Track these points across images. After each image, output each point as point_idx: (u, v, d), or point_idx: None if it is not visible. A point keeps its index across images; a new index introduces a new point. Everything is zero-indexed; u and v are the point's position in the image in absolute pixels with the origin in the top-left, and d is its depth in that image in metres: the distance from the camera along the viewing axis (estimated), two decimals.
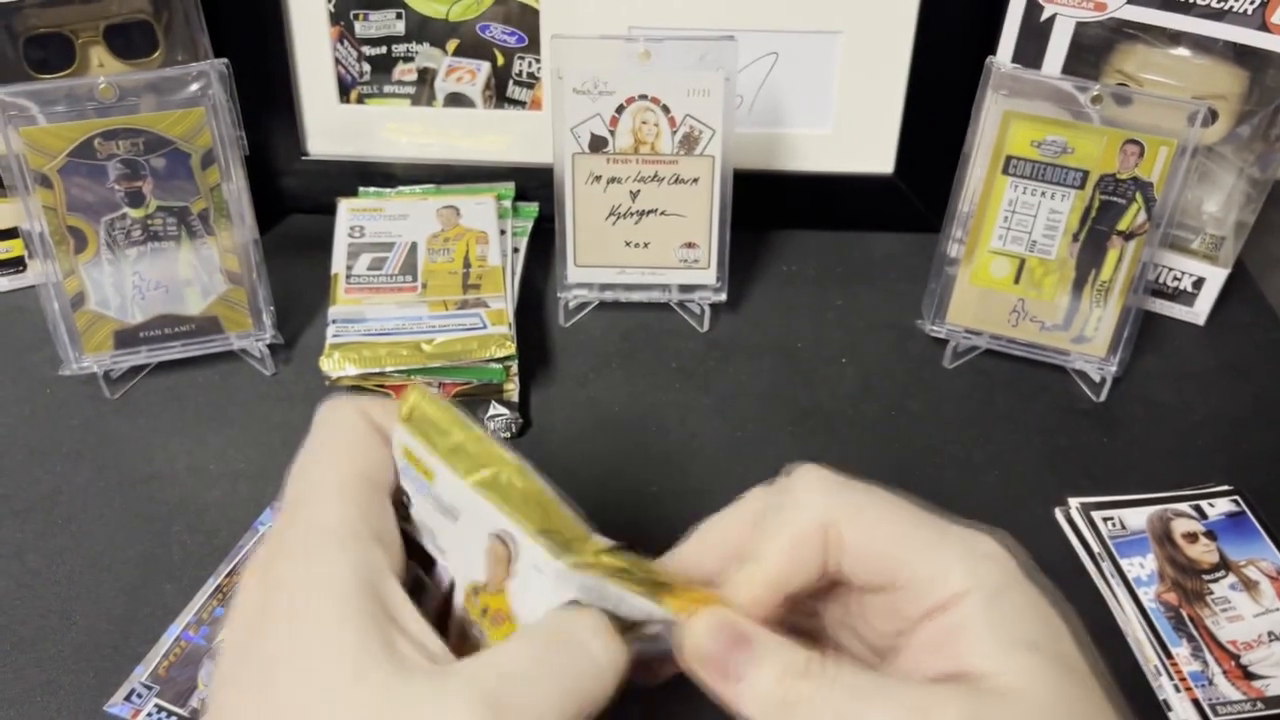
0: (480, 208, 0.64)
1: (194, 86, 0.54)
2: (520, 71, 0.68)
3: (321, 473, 0.31)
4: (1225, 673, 0.45)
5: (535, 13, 0.66)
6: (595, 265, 0.62)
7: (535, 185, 0.67)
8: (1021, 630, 0.30)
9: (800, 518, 0.32)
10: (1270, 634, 0.46)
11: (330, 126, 0.69)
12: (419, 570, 0.33)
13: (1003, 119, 0.56)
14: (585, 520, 0.31)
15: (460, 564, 0.32)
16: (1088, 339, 0.59)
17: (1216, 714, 0.44)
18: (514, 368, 0.56)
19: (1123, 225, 0.56)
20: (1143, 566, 0.49)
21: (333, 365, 0.55)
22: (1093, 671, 0.30)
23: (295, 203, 0.70)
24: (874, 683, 0.29)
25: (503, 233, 0.63)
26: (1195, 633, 0.47)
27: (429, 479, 0.31)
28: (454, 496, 0.31)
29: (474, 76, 0.68)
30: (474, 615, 0.32)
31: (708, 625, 0.31)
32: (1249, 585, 0.49)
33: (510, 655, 0.29)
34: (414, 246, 0.61)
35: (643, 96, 0.57)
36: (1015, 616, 0.30)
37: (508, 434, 0.56)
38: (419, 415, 0.31)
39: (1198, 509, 0.52)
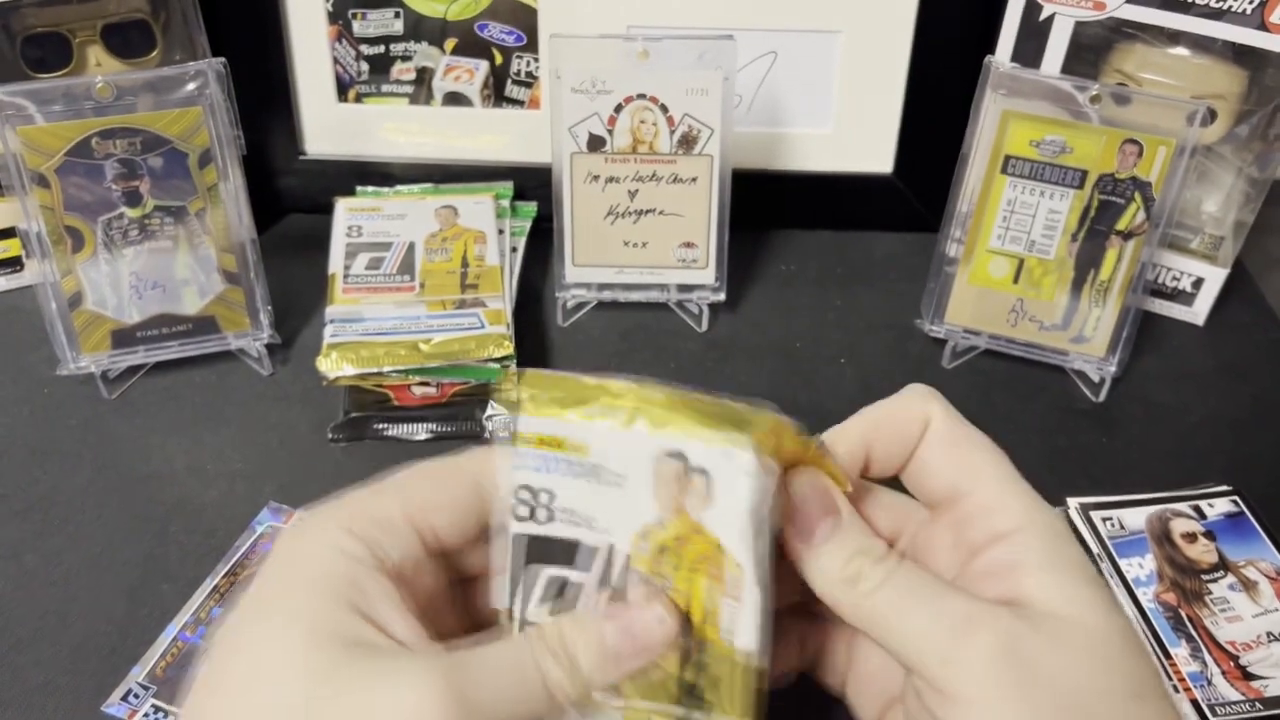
0: (478, 207, 0.64)
1: (191, 86, 0.53)
2: (518, 71, 0.68)
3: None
4: (1224, 673, 0.45)
5: (533, 12, 0.66)
6: (593, 265, 0.62)
7: (533, 185, 0.67)
8: (1078, 567, 0.31)
9: (905, 400, 0.36)
10: (1269, 634, 0.46)
11: (328, 126, 0.69)
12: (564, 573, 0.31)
13: (1001, 118, 0.56)
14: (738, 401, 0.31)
15: (626, 526, 0.30)
16: (1087, 339, 0.59)
17: (1215, 714, 0.44)
18: (512, 368, 0.56)
19: (1121, 225, 0.56)
20: (1141, 567, 0.49)
21: (330, 365, 0.55)
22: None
23: (293, 202, 0.70)
24: (933, 586, 0.31)
25: (501, 232, 0.63)
26: (1194, 633, 0.47)
27: (583, 453, 0.30)
28: (612, 451, 0.30)
29: (472, 76, 0.68)
30: (647, 569, 0.30)
31: (811, 482, 0.33)
32: (1248, 586, 0.49)
33: (479, 656, 0.29)
34: (412, 246, 0.61)
35: (641, 96, 0.57)
36: (1072, 555, 0.31)
37: (506, 434, 0.55)
38: (534, 399, 0.30)
39: (1197, 509, 0.52)
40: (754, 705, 0.30)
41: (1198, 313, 0.65)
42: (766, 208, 0.70)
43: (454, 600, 0.34)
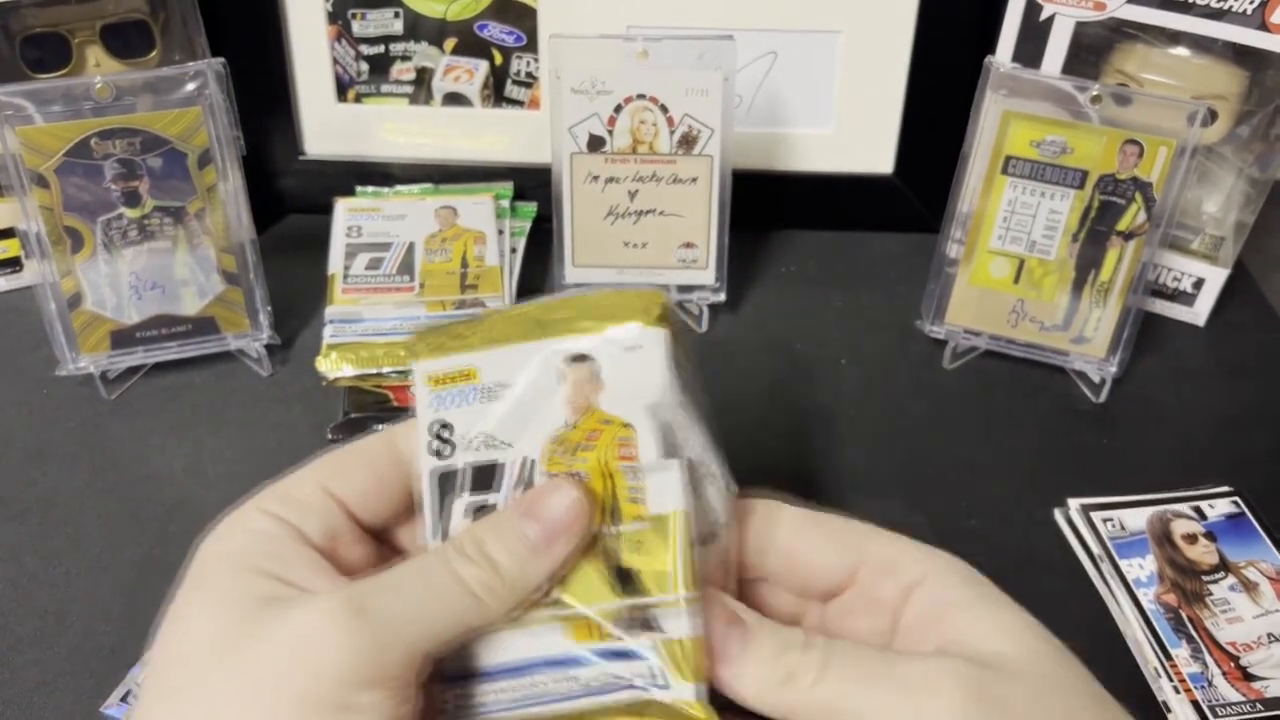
0: (478, 208, 0.64)
1: (190, 86, 0.53)
2: (518, 71, 0.67)
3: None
4: (1225, 674, 0.45)
5: (533, 12, 0.65)
6: (593, 265, 0.62)
7: (533, 185, 0.67)
8: (996, 596, 0.30)
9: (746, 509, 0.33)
10: (1270, 635, 0.46)
11: (328, 126, 0.69)
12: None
13: (1002, 119, 0.56)
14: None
15: (532, 438, 0.31)
16: (1087, 339, 0.59)
17: (1216, 715, 0.44)
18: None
19: (1122, 225, 0.56)
20: (1142, 568, 0.49)
21: (329, 365, 0.54)
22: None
23: (292, 203, 0.70)
24: (874, 657, 0.29)
25: (500, 233, 0.63)
26: (1195, 634, 0.46)
27: (473, 378, 0.31)
28: (504, 370, 0.31)
29: (472, 76, 0.68)
30: (560, 468, 0.31)
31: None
32: (1248, 586, 0.48)
33: (385, 574, 0.29)
34: (411, 246, 0.61)
35: (641, 96, 0.57)
36: (985, 585, 0.31)
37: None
38: (425, 344, 0.32)
39: (1197, 510, 0.52)
40: (694, 578, 0.30)
41: (1198, 313, 0.65)
42: (767, 208, 0.70)
43: None
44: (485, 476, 0.31)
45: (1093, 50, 0.60)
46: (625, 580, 0.30)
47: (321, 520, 0.31)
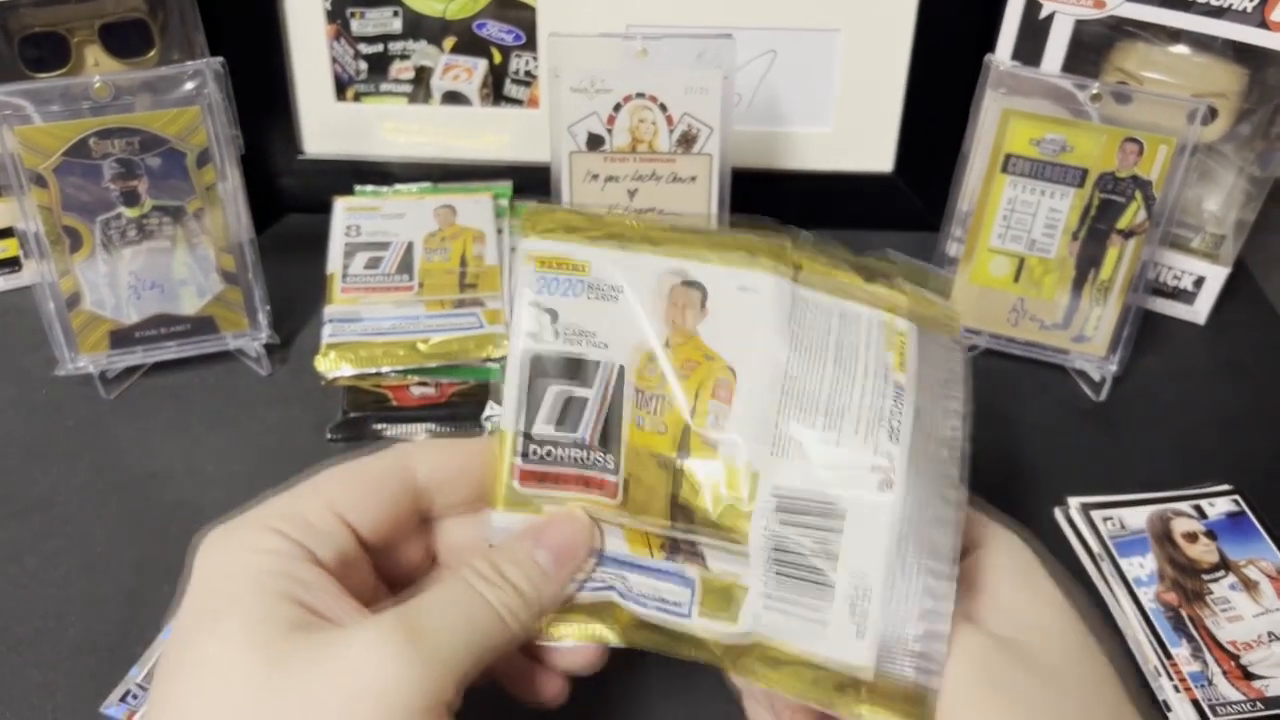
0: (477, 206, 0.64)
1: (189, 85, 0.53)
2: (517, 70, 0.67)
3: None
4: (1225, 673, 0.45)
5: (532, 11, 0.65)
6: None
7: (532, 184, 0.67)
8: (1041, 583, 0.31)
9: None
10: (1270, 634, 0.46)
11: (327, 125, 0.69)
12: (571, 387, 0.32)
13: (1002, 117, 0.55)
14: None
15: (627, 345, 0.32)
16: (1087, 338, 0.59)
17: (1216, 714, 0.43)
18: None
19: (1122, 224, 0.56)
20: (1142, 566, 0.49)
21: (328, 365, 0.54)
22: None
23: (291, 202, 0.70)
24: None
25: (499, 232, 0.63)
26: (1195, 633, 0.46)
27: (583, 271, 0.31)
28: (615, 273, 0.31)
29: (471, 75, 0.68)
30: (651, 387, 0.32)
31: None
32: (1249, 585, 0.48)
33: (422, 600, 0.30)
34: (410, 246, 0.61)
35: (640, 95, 0.57)
36: (1035, 571, 0.31)
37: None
38: (534, 224, 0.32)
39: (1198, 509, 0.52)
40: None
41: (1199, 311, 0.65)
42: (766, 207, 0.69)
43: (388, 596, 0.34)
44: (579, 370, 0.32)
45: (1092, 48, 0.60)
46: (679, 512, 0.31)
47: (333, 544, 0.31)
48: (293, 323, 0.62)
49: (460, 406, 0.56)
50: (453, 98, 0.68)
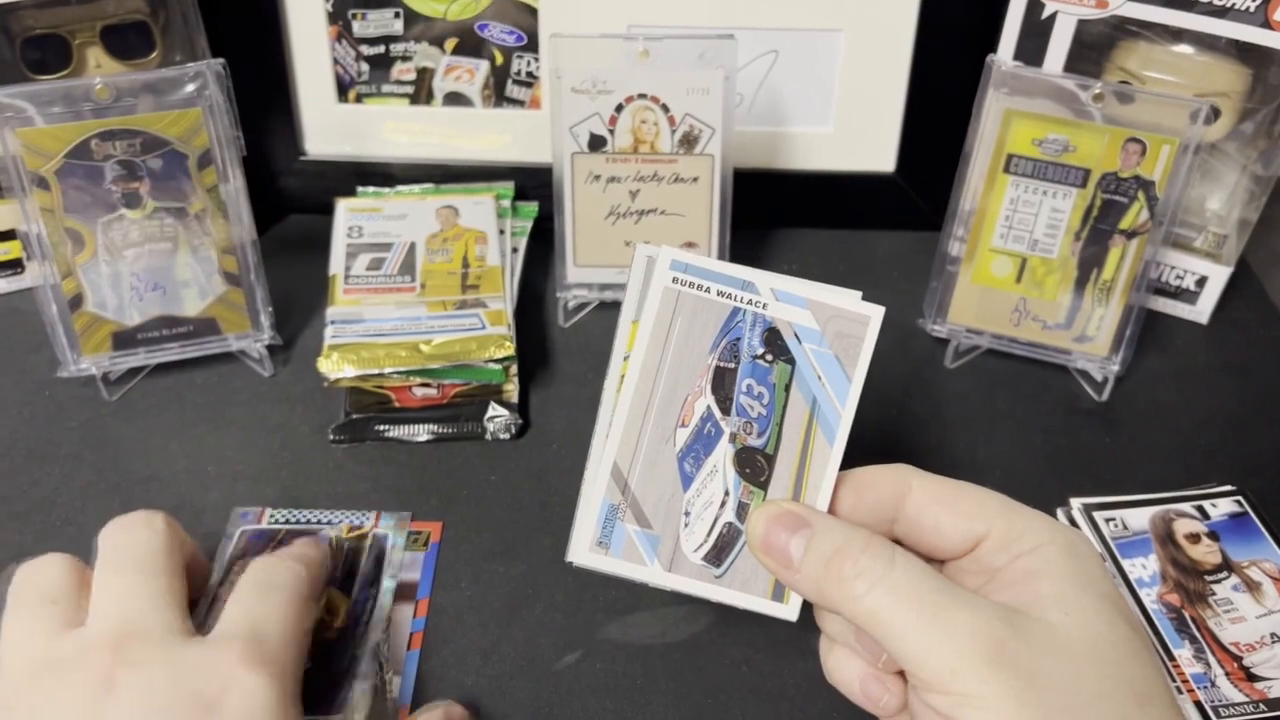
0: (479, 207, 0.64)
1: (191, 87, 0.53)
2: (519, 70, 0.67)
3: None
4: (1228, 674, 0.45)
5: (534, 12, 0.65)
6: (595, 265, 0.62)
7: (534, 185, 0.67)
8: (1094, 582, 0.31)
9: (879, 471, 0.35)
10: (1273, 635, 0.46)
11: (328, 126, 0.69)
12: None
13: (1004, 117, 0.55)
14: None
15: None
16: (1090, 338, 0.59)
17: (1219, 716, 0.43)
18: (513, 368, 0.56)
19: (1125, 224, 0.56)
20: (1145, 567, 0.49)
21: (331, 366, 0.54)
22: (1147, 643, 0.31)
23: (293, 203, 0.70)
24: (925, 585, 0.31)
25: (501, 232, 0.63)
26: (1197, 634, 0.46)
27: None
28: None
29: (472, 76, 0.68)
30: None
31: (766, 513, 0.34)
32: (1252, 586, 0.48)
33: (236, 604, 0.38)
34: (412, 247, 0.61)
35: (642, 95, 0.57)
36: (1090, 571, 0.32)
37: (507, 435, 0.55)
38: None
39: (1200, 509, 0.52)
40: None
41: (1201, 311, 0.65)
42: (768, 207, 0.69)
43: None
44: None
45: (1095, 48, 0.60)
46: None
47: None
48: (295, 324, 0.62)
49: (462, 408, 0.56)
50: (454, 99, 0.68)
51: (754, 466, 0.36)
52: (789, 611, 0.36)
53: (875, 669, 0.34)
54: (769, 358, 0.36)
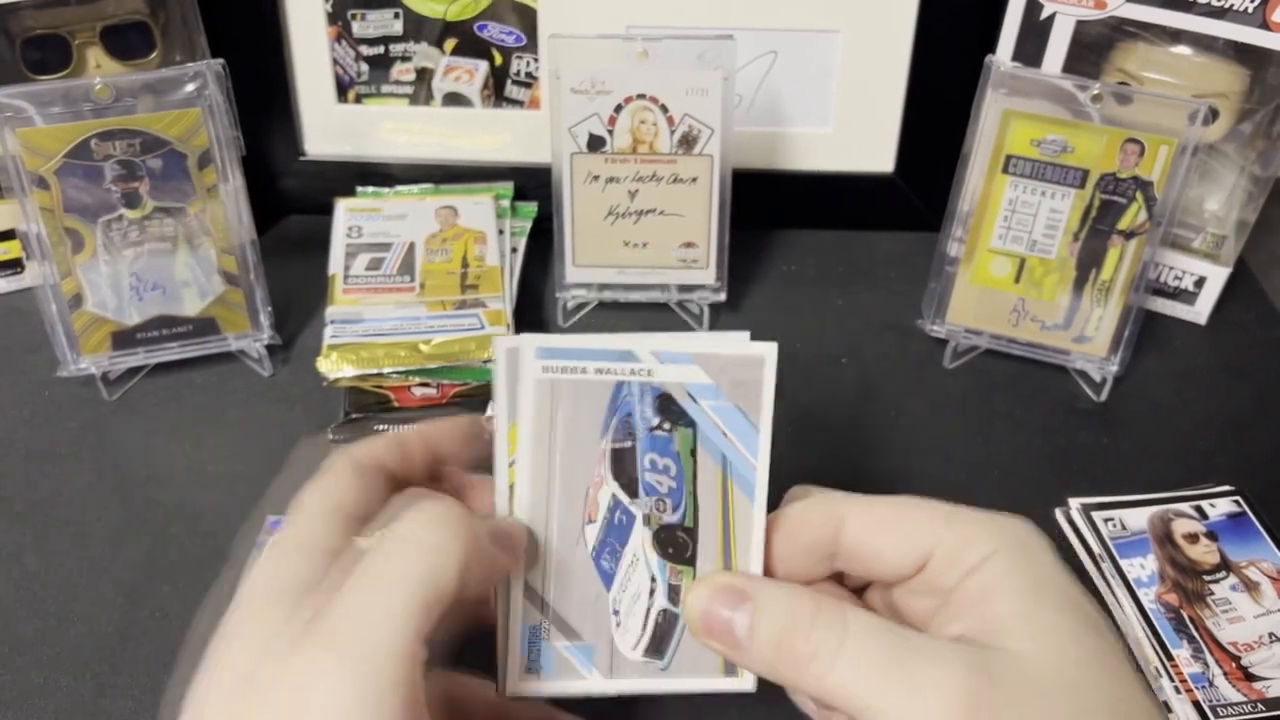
0: (478, 208, 0.64)
1: (190, 87, 0.53)
2: (518, 71, 0.67)
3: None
4: (1226, 674, 0.45)
5: (533, 12, 0.65)
6: (594, 265, 0.62)
7: (533, 185, 0.67)
8: (1050, 589, 0.29)
9: (803, 513, 0.32)
10: (1271, 635, 0.46)
11: (328, 126, 0.69)
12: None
13: (1002, 118, 0.55)
14: None
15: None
16: (1088, 339, 0.59)
17: (1217, 715, 0.43)
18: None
19: (1123, 224, 0.56)
20: (1143, 567, 0.49)
21: (330, 366, 0.54)
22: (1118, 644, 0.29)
23: (293, 203, 0.70)
24: (889, 643, 0.29)
25: (501, 233, 0.63)
26: (1196, 634, 0.46)
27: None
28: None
29: (472, 76, 0.68)
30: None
31: (699, 594, 0.31)
32: (1250, 586, 0.48)
33: (347, 596, 0.28)
34: (412, 247, 0.61)
35: (641, 96, 0.57)
36: (1044, 575, 0.30)
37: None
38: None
39: (1198, 509, 0.52)
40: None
41: (1200, 312, 0.65)
42: (767, 207, 0.69)
43: None
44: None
45: (1093, 49, 0.60)
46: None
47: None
48: (294, 324, 0.62)
49: (462, 408, 0.56)
50: (454, 99, 0.68)
51: (676, 545, 0.33)
52: (745, 684, 0.33)
53: None
54: (666, 426, 0.33)
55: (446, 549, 0.28)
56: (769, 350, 0.34)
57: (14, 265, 0.64)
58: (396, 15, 0.66)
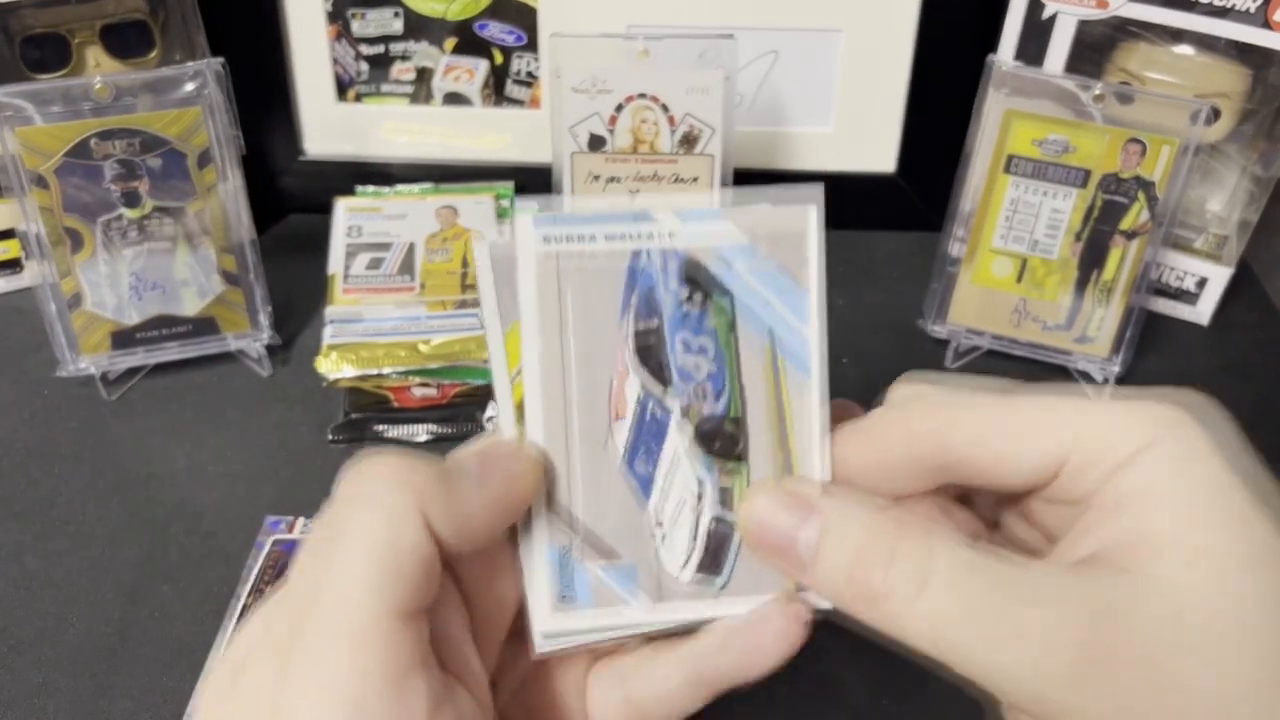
0: (479, 207, 0.64)
1: (190, 86, 0.53)
2: (519, 70, 0.67)
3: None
4: None
5: (533, 11, 0.65)
6: None
7: (534, 184, 0.67)
8: (1229, 493, 0.23)
9: (903, 418, 0.27)
10: None
11: (328, 126, 0.69)
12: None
13: (1004, 118, 0.55)
14: None
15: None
16: (1090, 339, 0.59)
17: None
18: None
19: (1125, 224, 0.56)
20: None
21: (330, 366, 0.54)
22: None
23: (293, 202, 0.70)
24: (989, 578, 0.23)
25: (501, 233, 0.63)
26: None
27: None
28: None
29: (472, 76, 0.67)
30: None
31: (755, 503, 0.26)
32: None
33: (297, 587, 0.24)
34: (412, 246, 0.61)
35: (642, 95, 0.57)
36: (1220, 472, 0.23)
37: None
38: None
39: None
40: None
41: (1202, 312, 0.65)
42: None
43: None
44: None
45: (1095, 49, 0.60)
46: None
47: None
48: (294, 324, 0.62)
49: (462, 408, 0.56)
50: (454, 98, 0.68)
51: (723, 438, 0.28)
52: (821, 601, 0.27)
53: None
54: (697, 298, 0.28)
55: (396, 503, 0.24)
56: (813, 193, 0.29)
57: (13, 265, 0.63)
58: (396, 14, 0.66)
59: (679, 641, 0.28)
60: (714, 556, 0.28)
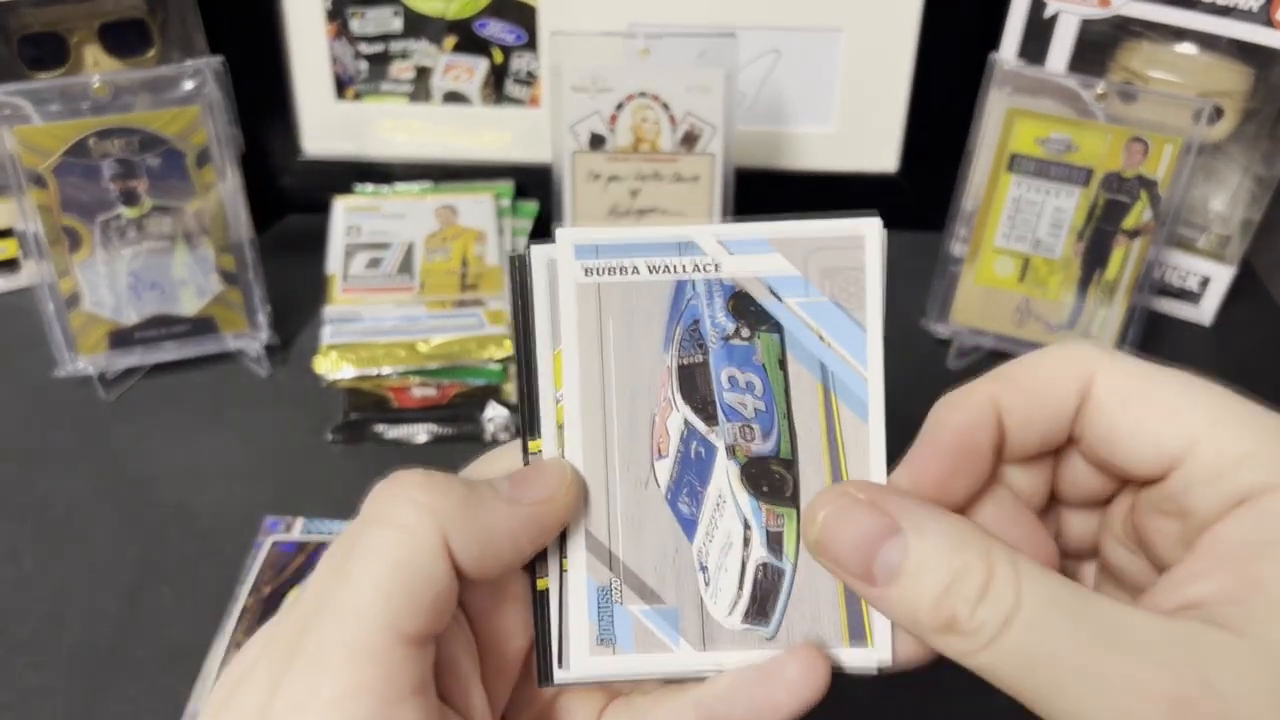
0: (478, 206, 0.64)
1: (189, 84, 0.53)
2: (519, 69, 0.67)
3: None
4: None
5: (533, 10, 0.65)
6: None
7: (534, 183, 0.67)
8: None
9: (1052, 359, 0.25)
10: None
11: (327, 124, 0.69)
12: None
13: (1007, 116, 0.55)
14: None
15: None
16: (1093, 338, 0.59)
17: None
18: (513, 368, 0.56)
19: (1128, 223, 0.56)
20: None
21: (329, 366, 0.54)
22: None
23: (291, 202, 0.69)
24: (1079, 621, 0.21)
25: (501, 232, 0.63)
26: None
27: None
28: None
29: (472, 74, 0.67)
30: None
31: (829, 505, 0.24)
32: None
33: (309, 611, 0.23)
34: (411, 246, 0.61)
35: (642, 94, 0.57)
36: None
37: (506, 435, 0.55)
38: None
39: None
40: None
41: (1205, 312, 0.64)
42: (769, 207, 0.69)
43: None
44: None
45: (1098, 47, 0.60)
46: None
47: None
48: (293, 323, 0.61)
49: (462, 408, 0.56)
50: (454, 97, 0.68)
51: (771, 481, 0.26)
52: (877, 657, 0.26)
53: None
54: (745, 333, 0.27)
55: (416, 526, 0.23)
56: (871, 226, 0.27)
57: (11, 264, 0.63)
58: (396, 13, 0.66)
59: (694, 684, 0.26)
60: (760, 605, 0.26)
